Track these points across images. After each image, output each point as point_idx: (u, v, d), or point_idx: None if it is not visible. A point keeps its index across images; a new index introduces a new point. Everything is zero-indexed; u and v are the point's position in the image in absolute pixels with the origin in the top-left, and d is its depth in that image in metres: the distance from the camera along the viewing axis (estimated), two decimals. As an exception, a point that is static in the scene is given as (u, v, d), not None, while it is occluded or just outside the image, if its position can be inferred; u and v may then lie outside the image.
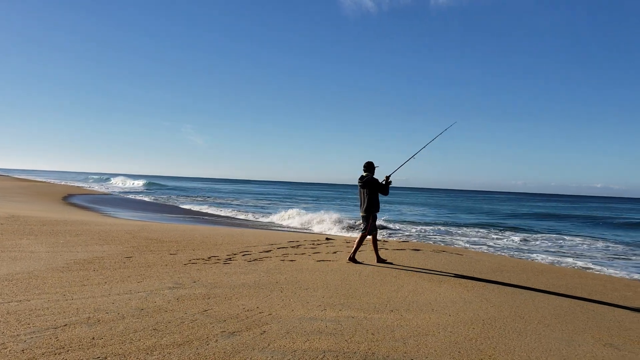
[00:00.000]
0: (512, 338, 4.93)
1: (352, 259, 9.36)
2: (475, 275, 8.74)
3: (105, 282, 6.53)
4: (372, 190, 9.25)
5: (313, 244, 11.89)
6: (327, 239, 13.53)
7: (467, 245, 18.88)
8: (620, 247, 20.89)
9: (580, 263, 14.97)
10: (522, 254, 16.70)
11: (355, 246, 9.43)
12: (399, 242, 14.38)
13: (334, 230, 22.72)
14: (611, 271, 13.41)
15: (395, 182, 9.81)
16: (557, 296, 7.51)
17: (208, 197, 56.28)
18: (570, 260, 15.65)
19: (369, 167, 9.42)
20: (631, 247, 21.12)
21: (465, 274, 8.84)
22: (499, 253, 16.42)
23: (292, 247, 11.22)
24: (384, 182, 9.39)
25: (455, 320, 5.53)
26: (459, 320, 5.51)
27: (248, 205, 43.41)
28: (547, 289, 8.03)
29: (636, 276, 12.73)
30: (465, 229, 27.08)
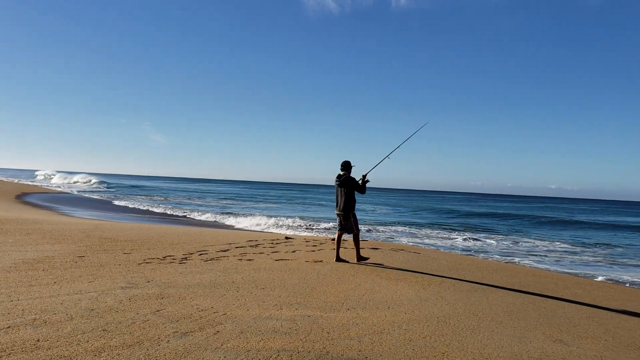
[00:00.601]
0: (465, 335, 4.99)
1: (360, 257, 9.58)
2: (432, 273, 8.84)
3: (55, 282, 6.32)
4: (350, 189, 9.29)
5: (272, 243, 11.82)
6: (286, 238, 13.47)
7: (425, 244, 19.12)
8: (572, 246, 21.53)
9: (533, 261, 15.34)
10: (478, 253, 17.01)
11: (356, 248, 9.59)
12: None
13: (290, 230, 22.67)
14: (563, 269, 13.79)
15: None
16: (510, 293, 7.66)
17: (169, 196, 55.42)
18: (524, 258, 16.03)
19: (346, 166, 9.47)
20: (583, 246, 21.80)
21: (422, 272, 8.93)
22: (455, 252, 16.68)
23: (251, 246, 11.12)
24: (360, 181, 9.47)
25: (410, 318, 5.56)
26: (414, 318, 5.55)
27: (209, 205, 42.92)
28: (501, 287, 8.18)
29: (586, 273, 13.12)
30: (423, 228, 27.45)
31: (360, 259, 9.57)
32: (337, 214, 9.48)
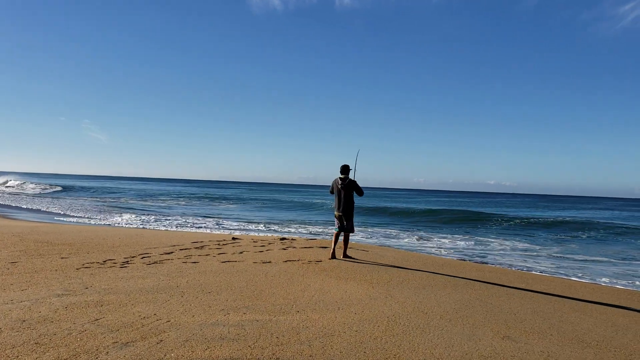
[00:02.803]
0: (415, 335, 4.95)
1: (347, 255, 10.23)
2: (380, 271, 8.81)
3: (-17, 292, 5.90)
4: (352, 191, 9.89)
5: (218, 244, 11.54)
6: (233, 238, 13.21)
7: (372, 242, 19.23)
8: (511, 242, 22.18)
9: (477, 257, 15.66)
10: (422, 249, 17.24)
11: (343, 245, 10.29)
12: (307, 240, 14.33)
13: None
14: (505, 263, 14.14)
15: (303, 180, 10.00)
16: (457, 290, 7.72)
17: (106, 197, 53.71)
18: (468, 254, 16.36)
19: (346, 169, 9.95)
20: (521, 240, 22.50)
21: (370, 269, 8.90)
22: (402, 249, 16.83)
23: (196, 248, 10.81)
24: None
25: (360, 318, 5.49)
26: (365, 319, 5.48)
27: (150, 207, 41.85)
28: (448, 283, 8.25)
29: (527, 267, 13.50)
30: (370, 226, 27.67)
31: (347, 256, 10.19)
32: (338, 215, 9.97)
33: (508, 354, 4.54)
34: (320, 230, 23.49)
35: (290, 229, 23.37)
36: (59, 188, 69.22)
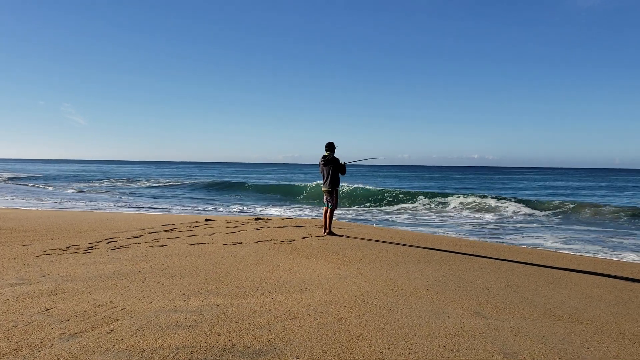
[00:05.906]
0: (382, 314, 4.78)
1: (331, 233, 10.40)
2: (353, 249, 8.62)
3: None
4: (334, 168, 10.11)
5: (190, 227, 11.26)
6: (206, 220, 12.94)
7: (347, 218, 19.11)
8: (490, 217, 22.24)
9: (455, 231, 15.63)
10: (398, 225, 17.17)
11: (328, 222, 10.41)
12: (282, 219, 14.13)
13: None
14: (481, 238, 14.11)
15: (286, 159, 9.86)
16: (431, 265, 7.57)
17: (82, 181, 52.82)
18: (443, 229, 16.32)
19: (331, 147, 10.26)
20: (500, 216, 22.57)
21: (343, 247, 8.71)
22: (379, 225, 16.73)
23: (166, 230, 10.52)
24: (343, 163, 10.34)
25: (327, 299, 5.30)
26: (332, 299, 5.29)
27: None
28: (422, 259, 8.08)
29: (504, 241, 13.48)
30: (348, 205, 27.59)
31: (331, 233, 10.39)
32: (324, 191, 10.29)
33: (476, 331, 4.39)
34: (297, 211, 23.30)
35: (267, 210, 23.15)
36: (35, 174, 67.94)
